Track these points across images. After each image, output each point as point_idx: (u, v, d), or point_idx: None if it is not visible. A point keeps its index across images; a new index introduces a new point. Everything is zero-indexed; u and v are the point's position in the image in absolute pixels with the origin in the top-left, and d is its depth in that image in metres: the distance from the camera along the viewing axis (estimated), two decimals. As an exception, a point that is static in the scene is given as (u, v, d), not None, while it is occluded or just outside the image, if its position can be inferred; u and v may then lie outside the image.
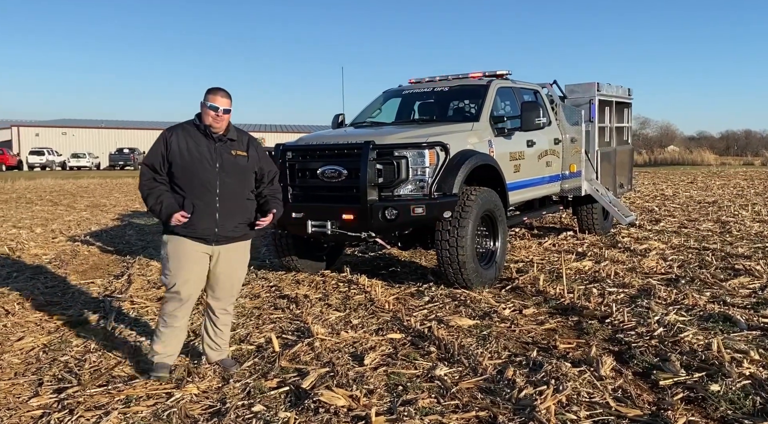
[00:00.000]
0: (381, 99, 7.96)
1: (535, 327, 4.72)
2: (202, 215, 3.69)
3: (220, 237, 3.77)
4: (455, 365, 3.92)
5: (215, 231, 3.73)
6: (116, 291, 6.24)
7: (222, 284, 3.91)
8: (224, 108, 3.70)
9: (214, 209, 3.71)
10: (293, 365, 4.04)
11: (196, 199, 3.69)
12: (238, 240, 3.89)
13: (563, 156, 8.23)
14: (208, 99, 3.70)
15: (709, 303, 5.05)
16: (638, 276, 6.19)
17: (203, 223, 3.70)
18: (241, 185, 3.83)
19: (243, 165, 3.82)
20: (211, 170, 3.70)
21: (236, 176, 3.79)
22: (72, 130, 57.94)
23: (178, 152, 3.68)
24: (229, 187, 3.75)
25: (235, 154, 3.79)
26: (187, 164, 3.68)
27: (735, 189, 16.78)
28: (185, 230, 3.70)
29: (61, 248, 9.09)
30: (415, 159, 5.67)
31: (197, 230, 3.71)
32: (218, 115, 3.69)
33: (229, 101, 3.75)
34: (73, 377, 3.90)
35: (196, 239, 3.73)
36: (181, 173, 3.68)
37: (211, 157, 3.71)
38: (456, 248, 5.68)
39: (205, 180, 3.69)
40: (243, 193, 3.85)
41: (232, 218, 3.78)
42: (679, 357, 3.85)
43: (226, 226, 3.76)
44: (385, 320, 4.99)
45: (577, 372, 3.67)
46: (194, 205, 3.69)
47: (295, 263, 6.85)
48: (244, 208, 3.87)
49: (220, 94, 3.72)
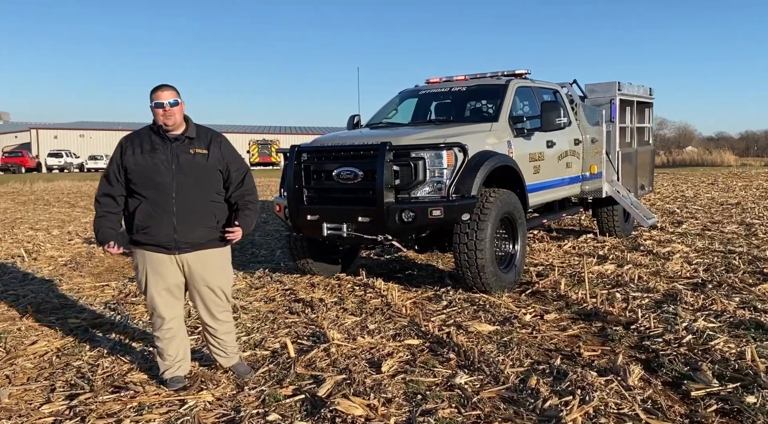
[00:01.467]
0: (397, 99, 7.84)
1: (557, 333, 4.57)
2: (159, 220, 3.48)
3: (182, 244, 3.53)
4: (476, 372, 3.79)
5: (174, 238, 3.50)
6: (131, 294, 6.19)
7: (205, 295, 3.69)
8: (169, 101, 3.47)
9: (171, 214, 3.48)
10: (309, 371, 3.93)
11: (152, 204, 3.48)
12: (206, 247, 3.62)
13: (583, 157, 8.05)
14: (153, 98, 3.49)
15: (738, 309, 4.86)
16: (663, 280, 6.01)
17: (161, 229, 3.49)
18: (202, 187, 3.56)
19: (202, 164, 3.55)
20: (166, 172, 3.48)
21: (195, 177, 3.53)
22: (89, 133, 58.58)
23: (132, 158, 3.49)
24: (187, 189, 3.50)
25: (193, 153, 3.54)
26: (142, 169, 3.47)
27: (758, 190, 16.41)
28: (145, 238, 3.52)
29: (77, 251, 9.09)
30: (433, 160, 5.54)
31: (155, 237, 3.50)
32: (166, 111, 3.47)
33: (174, 93, 3.52)
34: (85, 383, 3.83)
35: (157, 247, 3.54)
36: (137, 178, 3.49)
37: (166, 158, 3.49)
38: (475, 252, 5.54)
39: (160, 182, 3.47)
40: (204, 196, 3.58)
41: (193, 223, 3.53)
42: (711, 366, 3.68)
43: (187, 231, 3.51)
44: (403, 325, 4.87)
45: (604, 382, 3.53)
46: (151, 211, 3.48)
47: (310, 265, 6.75)
48: (208, 212, 3.60)
49: (161, 89, 3.50)
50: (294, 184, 5.98)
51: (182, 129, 3.59)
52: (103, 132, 58.57)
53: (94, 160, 50.23)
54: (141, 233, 3.53)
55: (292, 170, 5.99)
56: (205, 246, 3.63)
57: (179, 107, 3.54)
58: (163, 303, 3.63)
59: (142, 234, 3.53)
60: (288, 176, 6.05)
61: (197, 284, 3.67)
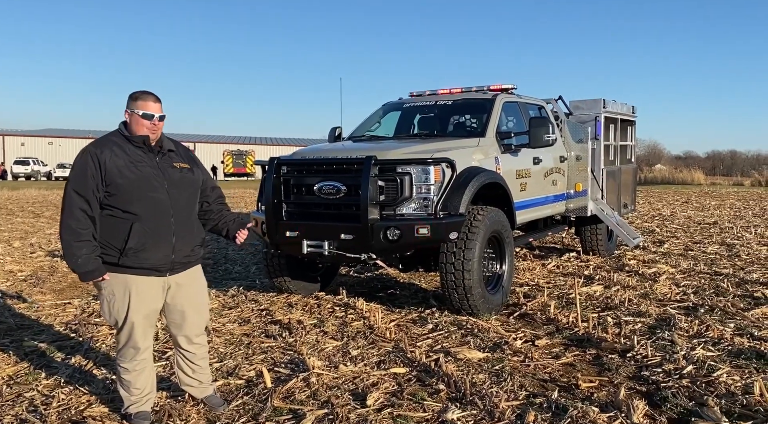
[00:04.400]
0: (380, 112, 7.60)
1: (551, 362, 4.32)
2: (157, 241, 3.15)
3: (176, 264, 3.26)
4: (468, 406, 3.52)
5: (171, 258, 3.22)
6: (94, 314, 5.77)
7: (189, 318, 3.39)
8: (159, 115, 3.18)
9: (170, 233, 3.19)
10: (287, 404, 3.61)
11: (148, 224, 3.12)
12: (194, 265, 3.42)
13: (568, 175, 7.90)
14: (138, 106, 3.14)
15: (735, 336, 4.69)
16: (653, 303, 5.83)
17: (159, 251, 3.16)
18: (193, 203, 3.38)
19: (191, 179, 3.34)
20: (161, 188, 3.17)
21: (186, 192, 3.31)
22: (58, 140, 57.22)
23: (116, 172, 3.07)
24: (183, 206, 3.27)
25: (179, 168, 3.29)
26: (132, 184, 3.10)
27: (732, 210, 16.58)
28: (136, 261, 3.12)
29: (39, 264, 8.59)
30: (420, 176, 5.29)
31: (150, 260, 3.15)
32: (154, 125, 3.17)
33: (161, 106, 3.23)
34: (37, 419, 3.44)
35: (149, 271, 3.18)
36: (126, 196, 3.09)
37: (156, 174, 3.18)
38: (462, 272, 5.29)
39: (157, 200, 3.15)
40: (194, 212, 3.40)
41: (189, 241, 3.30)
42: (717, 401, 3.46)
43: (183, 250, 3.27)
44: (387, 351, 4.58)
45: (607, 418, 3.29)
46: (148, 231, 3.12)
47: (287, 284, 6.42)
48: (198, 228, 3.43)
49: (151, 99, 3.18)
50: (273, 199, 5.66)
51: (155, 141, 3.28)
52: (73, 140, 57.21)
53: (62, 168, 48.97)
54: (131, 256, 3.11)
55: (271, 184, 5.67)
56: (194, 264, 3.41)
57: (163, 123, 3.25)
58: (142, 332, 3.26)
59: (132, 257, 3.12)
60: (266, 190, 5.73)
61: (181, 305, 3.35)
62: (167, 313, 3.39)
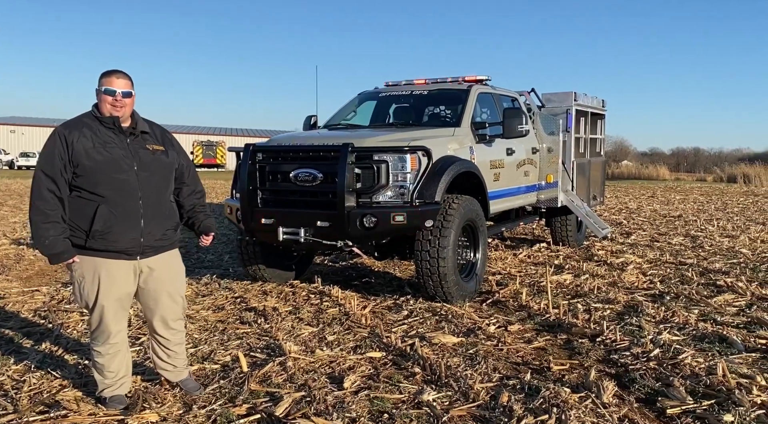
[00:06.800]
0: (356, 101, 7.60)
1: (523, 346, 4.42)
2: (123, 224, 3.10)
3: (146, 248, 3.21)
4: (443, 388, 3.58)
5: (140, 241, 3.17)
6: (64, 301, 5.68)
7: (163, 303, 3.35)
8: (122, 90, 3.11)
9: (138, 216, 3.14)
10: (264, 388, 3.62)
11: (115, 206, 3.08)
12: (167, 249, 3.36)
13: (540, 166, 8.03)
14: (102, 83, 3.11)
15: (700, 321, 4.85)
16: (621, 291, 5.98)
17: (126, 233, 3.11)
18: (165, 186, 3.31)
19: (164, 162, 3.28)
20: (129, 170, 3.12)
21: (158, 175, 3.25)
22: (21, 129, 55.56)
23: (83, 153, 3.03)
24: (153, 189, 3.21)
25: (152, 150, 3.24)
26: (99, 166, 3.05)
27: (695, 204, 17.04)
28: (103, 244, 3.08)
29: (4, 252, 8.39)
30: (396, 164, 5.33)
31: (118, 243, 3.11)
32: (116, 100, 3.10)
33: (128, 82, 3.16)
34: (8, 403, 3.38)
35: (117, 254, 3.14)
36: (92, 176, 3.05)
37: (126, 155, 3.13)
38: (437, 259, 5.35)
39: (125, 182, 3.10)
40: (167, 195, 3.33)
41: (160, 225, 3.24)
42: (683, 382, 3.59)
43: (154, 234, 3.21)
44: (363, 337, 4.62)
45: (578, 399, 3.38)
46: (114, 213, 3.08)
47: (262, 272, 6.40)
48: (171, 211, 3.36)
49: (115, 75, 3.13)
50: (248, 186, 5.63)
51: (129, 122, 3.23)
52: (37, 128, 55.61)
53: (26, 157, 47.57)
54: (98, 238, 3.07)
55: (246, 171, 5.64)
56: (167, 248, 3.34)
57: (131, 99, 3.18)
58: (113, 316, 3.22)
59: (99, 240, 3.07)
60: (241, 177, 5.70)
61: (155, 291, 3.32)
62: (141, 297, 3.35)
